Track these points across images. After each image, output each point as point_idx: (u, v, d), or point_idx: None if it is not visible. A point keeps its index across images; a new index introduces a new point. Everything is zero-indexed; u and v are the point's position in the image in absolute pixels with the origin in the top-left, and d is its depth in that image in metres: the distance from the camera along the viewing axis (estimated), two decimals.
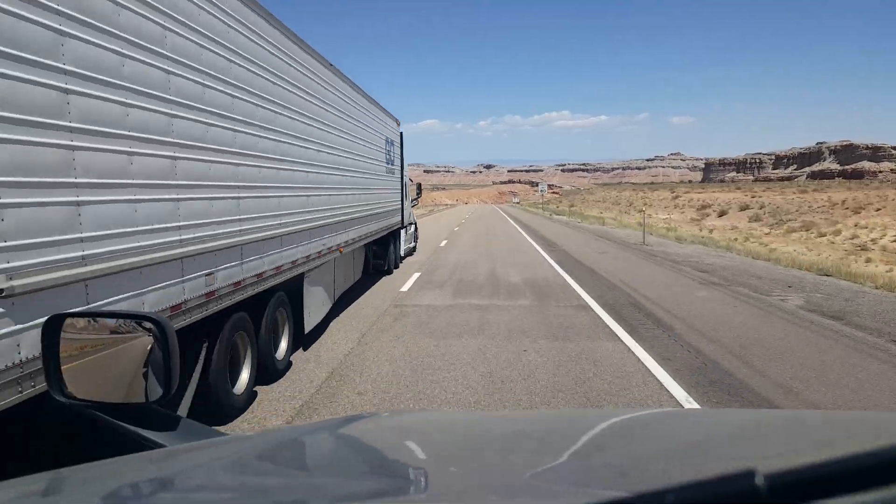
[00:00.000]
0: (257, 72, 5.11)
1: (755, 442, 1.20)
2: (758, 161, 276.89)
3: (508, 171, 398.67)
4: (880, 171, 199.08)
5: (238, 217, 4.65)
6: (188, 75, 3.92)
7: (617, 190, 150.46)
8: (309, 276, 6.71)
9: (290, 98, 5.96)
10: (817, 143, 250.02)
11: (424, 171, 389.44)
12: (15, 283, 2.45)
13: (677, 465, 1.05)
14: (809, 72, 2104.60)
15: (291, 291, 6.28)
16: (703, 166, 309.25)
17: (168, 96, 3.65)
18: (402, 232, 15.04)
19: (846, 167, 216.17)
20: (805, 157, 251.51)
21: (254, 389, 5.27)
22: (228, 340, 4.67)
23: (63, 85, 2.73)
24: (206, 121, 4.17)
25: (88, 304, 2.90)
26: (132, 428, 1.29)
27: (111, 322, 1.56)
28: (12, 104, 2.44)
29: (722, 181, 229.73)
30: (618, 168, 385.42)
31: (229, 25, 4.58)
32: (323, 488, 1.02)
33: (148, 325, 1.40)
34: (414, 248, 18.15)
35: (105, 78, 3.03)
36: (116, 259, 3.11)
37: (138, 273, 3.31)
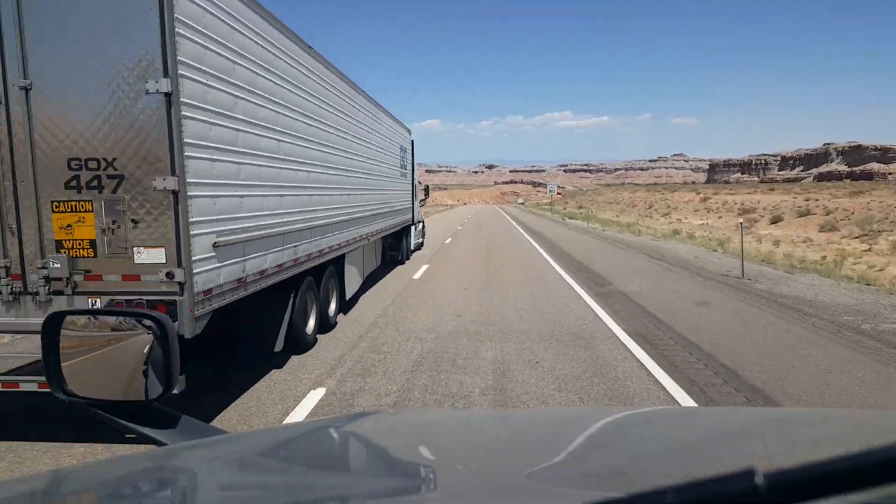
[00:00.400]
0: (330, 110, 7.24)
1: (755, 441, 1.19)
2: (763, 162, 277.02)
3: (510, 172, 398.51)
4: (890, 173, 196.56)
5: (310, 208, 6.62)
6: (290, 115, 5.95)
7: (629, 191, 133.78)
8: (348, 256, 8.75)
9: (344, 124, 7.98)
10: (824, 145, 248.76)
11: (426, 171, 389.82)
12: (219, 240, 4.40)
13: (676, 465, 1.06)
14: (812, 72, 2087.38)
15: (338, 267, 8.31)
16: (708, 167, 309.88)
17: (278, 128, 5.63)
18: (413, 228, 17.04)
19: (854, 168, 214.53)
20: (812, 159, 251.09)
21: (316, 336, 7.22)
22: (303, 295, 6.62)
23: (236, 127, 4.69)
24: (290, 141, 6.14)
25: (245, 255, 4.84)
26: (132, 426, 1.28)
27: (111, 320, 1.57)
28: (218, 141, 4.40)
29: (727, 182, 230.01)
30: (620, 169, 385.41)
31: (321, 86, 6.97)
32: (324, 487, 1.04)
33: (148, 322, 1.39)
34: (422, 244, 20.07)
35: (253, 121, 5.01)
36: (255, 231, 5.06)
37: (264, 241, 5.26)
